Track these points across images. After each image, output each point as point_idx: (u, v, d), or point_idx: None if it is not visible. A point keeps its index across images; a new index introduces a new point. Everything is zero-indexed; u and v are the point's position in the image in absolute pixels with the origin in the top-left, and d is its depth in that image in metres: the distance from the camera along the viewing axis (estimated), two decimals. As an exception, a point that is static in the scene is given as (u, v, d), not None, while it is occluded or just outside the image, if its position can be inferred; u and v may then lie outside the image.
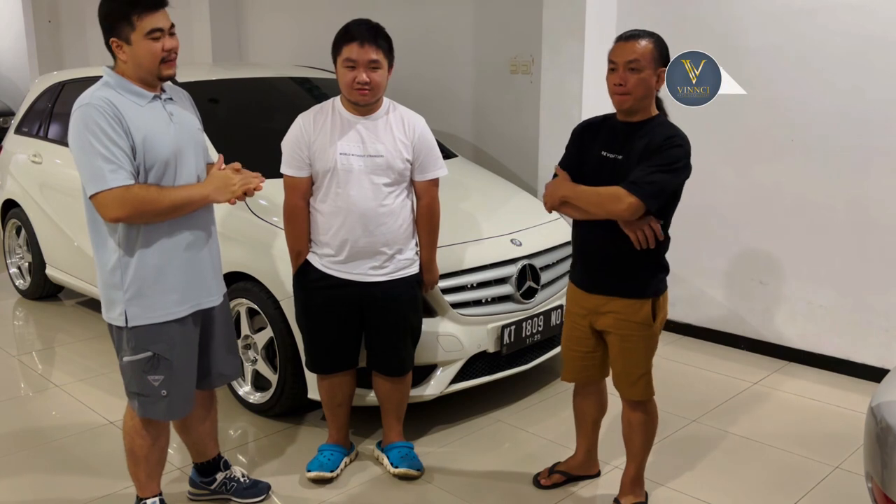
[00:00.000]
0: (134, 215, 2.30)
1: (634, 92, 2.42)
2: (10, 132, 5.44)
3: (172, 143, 2.38)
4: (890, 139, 3.75)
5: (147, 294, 2.39)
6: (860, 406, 3.41)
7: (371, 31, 2.73)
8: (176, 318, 2.43)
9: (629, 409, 2.72)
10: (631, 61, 2.40)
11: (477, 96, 5.50)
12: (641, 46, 2.41)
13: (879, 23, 3.69)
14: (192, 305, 2.48)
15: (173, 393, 2.48)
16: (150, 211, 2.31)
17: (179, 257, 2.43)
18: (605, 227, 2.51)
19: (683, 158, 2.43)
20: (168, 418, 2.55)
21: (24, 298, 5.42)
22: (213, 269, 2.57)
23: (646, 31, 2.49)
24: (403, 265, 2.91)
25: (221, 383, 2.77)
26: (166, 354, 2.43)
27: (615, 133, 2.55)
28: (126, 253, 2.38)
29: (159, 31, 2.31)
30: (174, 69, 2.39)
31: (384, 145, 2.80)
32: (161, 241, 2.39)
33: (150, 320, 2.40)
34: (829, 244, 4.01)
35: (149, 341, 2.42)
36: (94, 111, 2.26)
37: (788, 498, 2.91)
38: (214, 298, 2.57)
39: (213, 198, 2.43)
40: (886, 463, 1.84)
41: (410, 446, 3.15)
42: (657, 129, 2.47)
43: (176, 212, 2.37)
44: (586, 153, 2.61)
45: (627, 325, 2.58)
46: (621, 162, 2.49)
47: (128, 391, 2.51)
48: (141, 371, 2.44)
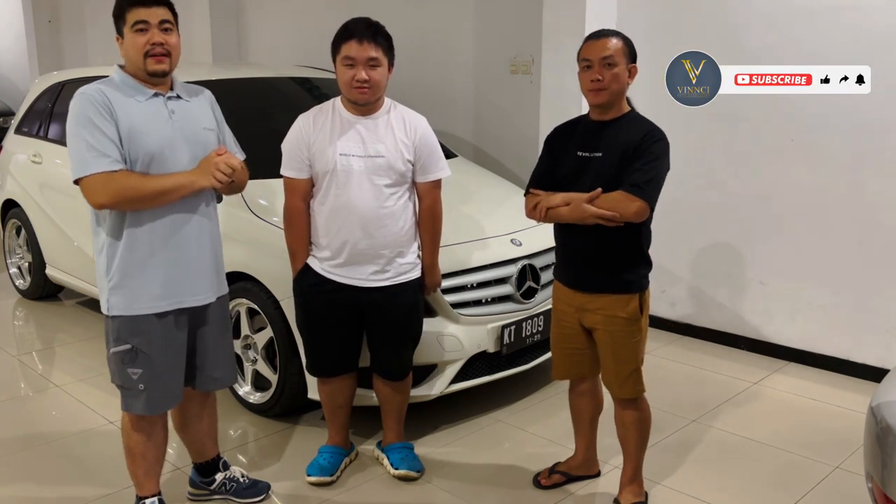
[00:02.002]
0: (119, 201, 2.32)
1: (611, 87, 2.48)
2: (10, 132, 5.44)
3: (163, 138, 2.38)
4: (890, 139, 3.75)
5: (128, 285, 2.40)
6: (860, 406, 3.40)
7: (370, 28, 2.71)
8: (154, 312, 2.42)
9: (621, 408, 2.73)
10: (606, 57, 2.47)
11: (477, 96, 5.50)
12: (613, 43, 2.49)
13: (880, 23, 3.69)
14: (174, 302, 2.46)
15: (151, 388, 2.47)
16: (133, 197, 2.32)
17: (165, 252, 2.42)
18: (587, 224, 2.54)
19: (666, 150, 2.51)
20: (147, 412, 2.52)
21: (24, 298, 5.42)
22: (204, 268, 2.53)
23: (613, 30, 2.58)
24: (405, 269, 2.88)
25: (214, 387, 2.72)
26: (145, 348, 2.43)
27: (590, 132, 2.59)
28: (113, 242, 2.40)
29: (144, 23, 2.34)
30: (164, 65, 2.38)
31: (385, 145, 2.77)
32: (147, 234, 2.39)
33: (128, 311, 2.41)
34: (829, 244, 4.01)
35: (128, 333, 2.43)
36: (84, 100, 2.32)
37: (788, 498, 2.91)
38: (201, 298, 2.53)
39: (199, 183, 2.39)
40: (886, 463, 1.84)
41: (410, 447, 3.15)
42: (632, 124, 2.54)
43: (162, 197, 2.35)
44: (562, 156, 2.65)
45: (615, 321, 2.59)
46: (599, 159, 2.53)
47: (113, 383, 2.53)
48: (121, 363, 2.45)
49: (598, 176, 2.51)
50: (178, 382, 2.56)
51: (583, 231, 2.56)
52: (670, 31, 4.38)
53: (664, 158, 2.50)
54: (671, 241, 2.67)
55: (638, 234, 2.57)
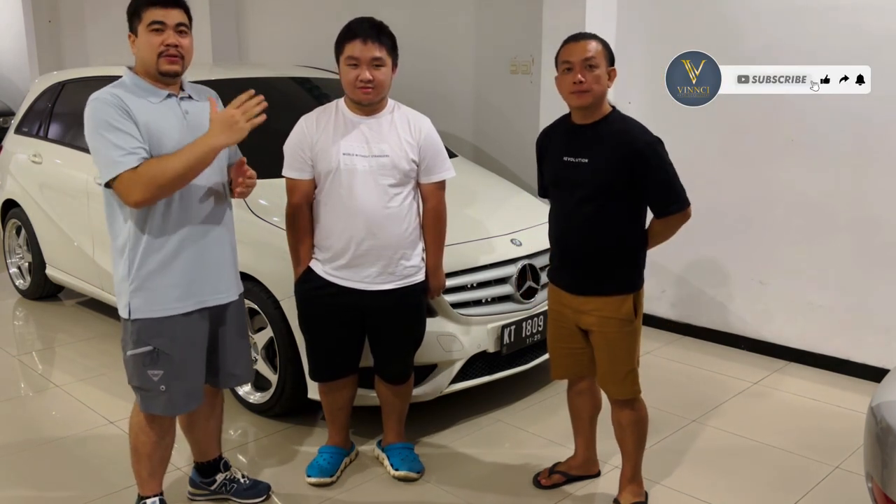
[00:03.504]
0: (154, 191, 2.28)
1: (593, 89, 2.48)
2: (10, 132, 5.44)
3: (180, 139, 2.38)
4: (890, 139, 3.75)
5: (150, 287, 2.40)
6: (860, 406, 3.40)
7: (374, 28, 2.70)
8: (178, 313, 2.43)
9: (618, 409, 2.73)
10: (587, 59, 2.47)
11: (477, 96, 5.50)
12: (594, 45, 2.49)
13: (879, 23, 3.69)
14: (197, 302, 2.47)
15: (173, 388, 2.47)
16: (163, 182, 2.28)
17: (186, 252, 2.43)
18: (582, 226, 2.57)
19: (663, 149, 2.53)
20: (168, 413, 2.53)
21: (24, 298, 5.41)
22: (224, 265, 2.56)
23: (590, 33, 2.59)
24: (409, 273, 2.85)
25: (232, 384, 2.76)
26: (167, 349, 2.43)
27: (575, 137, 2.59)
28: (134, 245, 2.40)
29: (160, 24, 2.34)
30: (176, 66, 2.39)
31: (389, 145, 2.75)
32: (168, 235, 2.40)
33: (151, 314, 2.41)
34: (829, 244, 4.01)
35: (150, 335, 2.43)
36: (100, 104, 2.31)
37: (788, 498, 2.91)
38: (223, 296, 2.55)
39: (223, 142, 2.33)
40: (886, 463, 1.84)
41: (411, 447, 3.15)
42: (617, 125, 2.55)
43: (190, 171, 2.31)
44: (551, 159, 2.67)
45: (610, 323, 2.59)
46: (586, 165, 2.54)
47: (130, 385, 2.53)
48: (141, 365, 2.45)
49: (584, 182, 2.53)
50: (200, 382, 2.57)
51: (576, 233, 2.59)
52: (670, 31, 4.38)
53: (666, 156, 2.52)
54: (671, 241, 2.67)
55: (630, 236, 2.59)
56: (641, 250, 2.63)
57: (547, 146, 2.72)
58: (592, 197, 2.53)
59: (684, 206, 2.54)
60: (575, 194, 2.56)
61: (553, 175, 2.66)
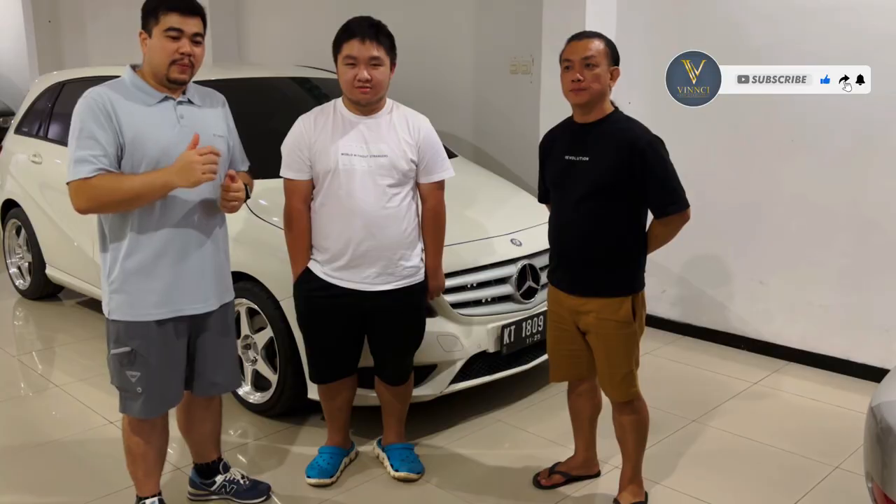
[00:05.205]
0: (97, 205, 2.33)
1: (591, 87, 2.48)
2: (10, 132, 5.44)
3: (168, 143, 2.36)
4: (890, 139, 3.75)
5: (128, 290, 2.40)
6: (860, 406, 3.40)
7: (372, 27, 2.69)
8: (153, 319, 2.42)
9: (618, 410, 2.73)
10: (587, 57, 2.47)
11: (477, 96, 5.50)
12: (595, 44, 2.49)
13: (879, 23, 3.69)
14: (172, 311, 2.44)
15: (149, 391, 2.47)
16: (108, 200, 2.30)
17: (167, 259, 2.41)
18: (581, 226, 2.57)
19: (663, 147, 2.54)
20: (143, 416, 2.51)
21: (24, 298, 5.42)
22: (205, 275, 2.50)
23: (595, 32, 2.59)
24: (408, 273, 2.84)
25: (214, 392, 2.71)
26: (143, 352, 2.43)
27: (576, 136, 2.60)
28: (115, 247, 2.41)
29: (178, 31, 2.32)
30: (186, 75, 2.38)
31: (387, 144, 2.74)
32: (148, 241, 2.39)
33: (128, 316, 2.42)
34: (829, 244, 4.01)
35: (127, 336, 2.43)
36: (85, 105, 2.31)
37: (788, 498, 2.91)
38: (201, 306, 2.51)
39: (175, 182, 2.29)
40: (886, 463, 1.84)
41: (411, 447, 3.15)
42: (617, 125, 2.55)
43: (138, 199, 2.30)
44: (553, 159, 2.68)
45: (608, 324, 2.59)
46: (586, 163, 2.55)
47: (112, 384, 2.53)
48: (120, 364, 2.46)
49: (585, 180, 2.54)
50: (176, 387, 2.55)
51: (576, 233, 2.59)
52: (670, 31, 4.38)
53: (667, 156, 2.52)
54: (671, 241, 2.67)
55: (629, 237, 2.59)
56: (641, 253, 2.63)
57: (550, 147, 2.72)
58: (592, 196, 2.53)
59: (683, 207, 2.53)
60: (575, 193, 2.56)
61: (554, 174, 2.66)
